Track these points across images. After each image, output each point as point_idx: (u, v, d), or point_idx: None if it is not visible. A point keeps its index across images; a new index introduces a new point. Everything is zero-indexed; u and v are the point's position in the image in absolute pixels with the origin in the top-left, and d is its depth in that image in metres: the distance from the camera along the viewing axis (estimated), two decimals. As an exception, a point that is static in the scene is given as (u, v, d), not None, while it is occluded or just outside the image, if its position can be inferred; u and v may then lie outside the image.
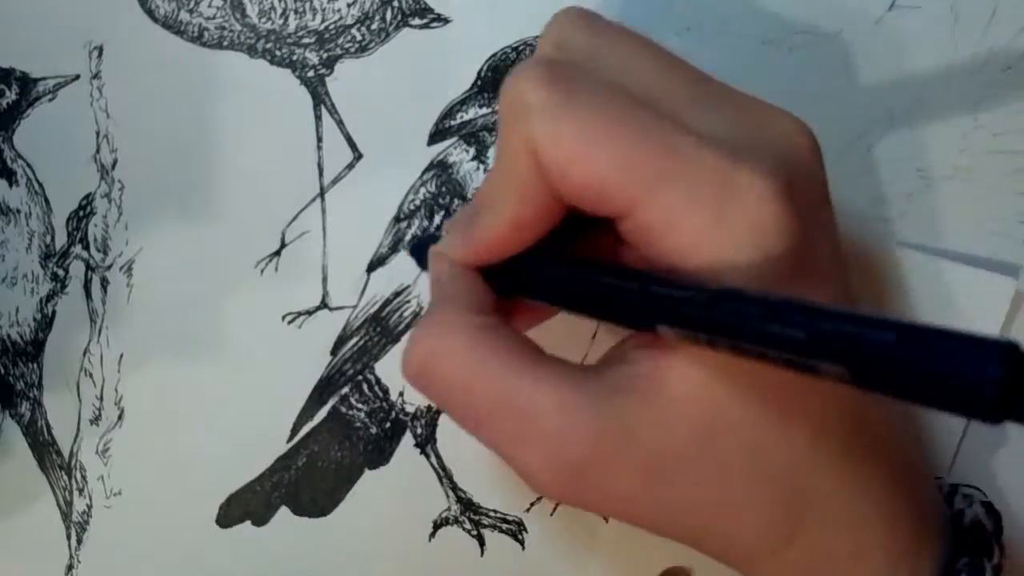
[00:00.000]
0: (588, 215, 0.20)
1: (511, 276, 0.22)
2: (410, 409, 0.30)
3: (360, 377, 0.30)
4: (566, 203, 0.20)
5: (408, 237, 0.30)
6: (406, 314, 0.30)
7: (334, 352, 0.30)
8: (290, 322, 0.31)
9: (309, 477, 0.31)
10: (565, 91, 0.19)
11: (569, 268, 0.21)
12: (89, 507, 0.31)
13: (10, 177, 0.32)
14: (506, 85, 0.20)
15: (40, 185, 0.32)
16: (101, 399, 0.31)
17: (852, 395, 0.20)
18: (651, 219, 0.19)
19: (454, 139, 0.30)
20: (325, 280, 0.30)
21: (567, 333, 0.30)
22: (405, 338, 0.30)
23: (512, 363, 0.20)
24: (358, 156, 0.30)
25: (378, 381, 0.30)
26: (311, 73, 0.30)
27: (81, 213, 0.31)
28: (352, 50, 0.30)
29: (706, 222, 0.18)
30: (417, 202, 0.30)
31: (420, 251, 0.25)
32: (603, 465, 0.20)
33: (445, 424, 0.30)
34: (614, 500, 0.20)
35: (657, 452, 0.19)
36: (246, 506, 0.31)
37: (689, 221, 0.18)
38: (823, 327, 0.15)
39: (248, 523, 0.31)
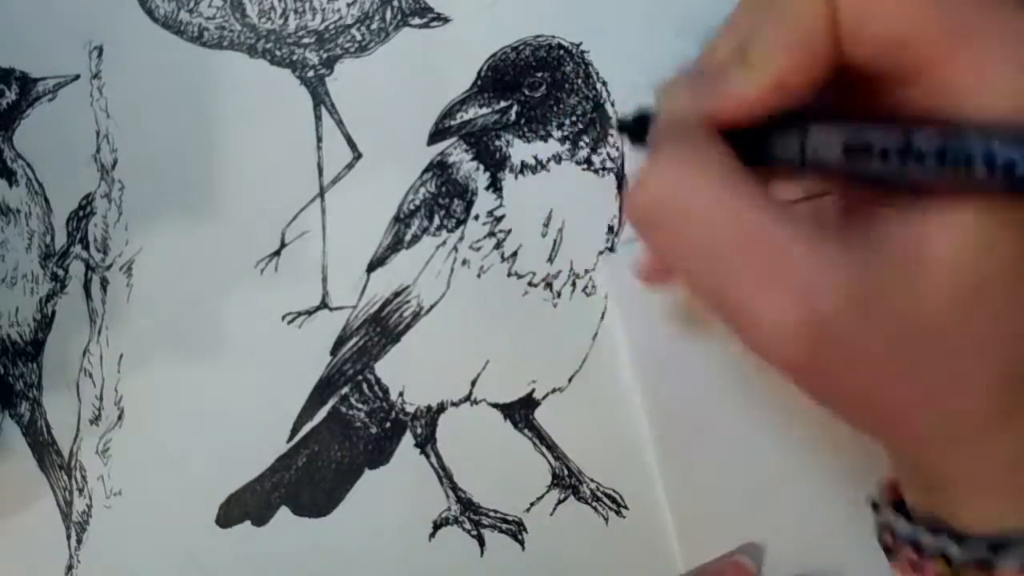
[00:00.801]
0: (863, 78, 0.19)
1: (759, 140, 0.20)
2: (410, 409, 0.30)
3: (360, 377, 0.30)
4: (847, 62, 0.19)
5: (408, 237, 0.30)
6: (406, 314, 0.30)
7: (334, 352, 0.30)
8: (290, 322, 0.31)
9: (309, 477, 0.31)
10: None
11: (837, 124, 0.19)
12: (89, 507, 0.31)
13: (10, 177, 0.32)
14: None
15: (40, 185, 0.32)
16: (101, 399, 0.31)
17: None
18: (955, 75, 0.18)
19: (454, 139, 0.30)
20: (325, 280, 0.30)
21: (568, 335, 0.30)
22: (406, 337, 0.30)
23: (769, 207, 0.19)
24: (358, 156, 0.30)
25: (378, 381, 0.30)
26: (311, 73, 0.30)
27: (81, 213, 0.31)
28: (352, 50, 0.30)
29: (1014, 76, 0.17)
30: (417, 202, 0.30)
31: (636, 125, 0.23)
32: (854, 328, 0.18)
33: (445, 424, 0.30)
34: (851, 369, 0.19)
35: (911, 322, 0.18)
36: (246, 506, 0.31)
37: (1000, 76, 0.17)
38: None
39: (248, 523, 0.31)
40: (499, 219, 0.30)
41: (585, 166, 0.29)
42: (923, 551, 0.22)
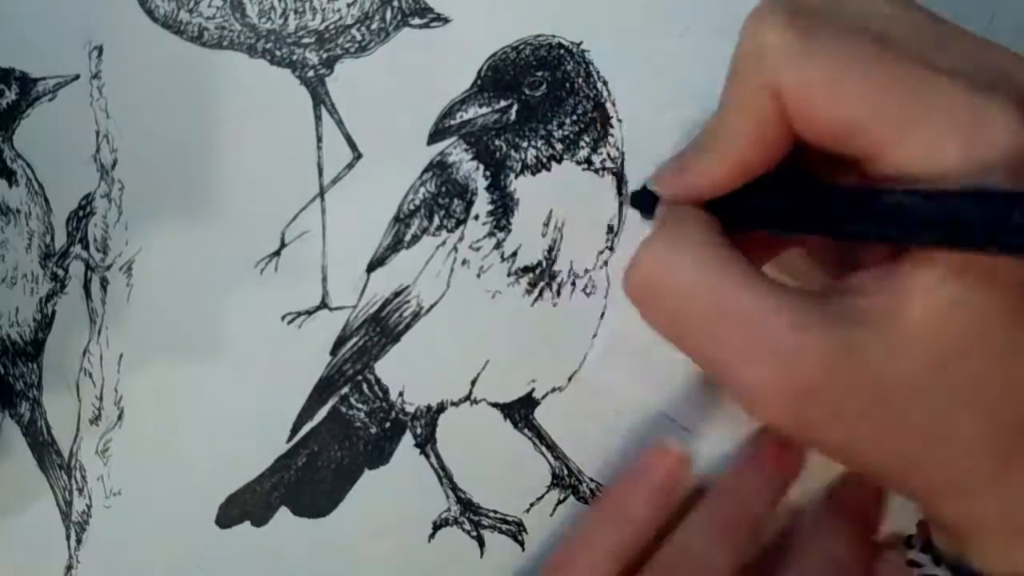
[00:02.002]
0: (818, 151, 0.20)
1: (735, 207, 0.23)
2: (410, 409, 0.30)
3: (360, 377, 0.30)
4: (800, 141, 0.21)
5: (408, 237, 0.30)
6: (406, 314, 0.30)
7: (334, 352, 0.30)
8: (290, 322, 0.31)
9: (309, 477, 0.31)
10: (810, 33, 0.19)
11: (800, 190, 0.21)
12: (89, 507, 0.31)
13: (10, 177, 0.32)
14: (746, 28, 0.20)
15: (40, 185, 0.32)
16: (101, 399, 0.31)
17: None
18: (901, 158, 0.19)
19: (454, 139, 0.30)
20: (325, 280, 0.30)
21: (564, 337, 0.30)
22: (406, 337, 0.30)
23: (746, 280, 0.20)
24: (358, 156, 0.30)
25: (378, 381, 0.30)
26: (311, 73, 0.30)
27: (81, 213, 0.31)
28: (352, 50, 0.30)
29: (959, 155, 0.18)
30: (417, 202, 0.30)
31: (645, 199, 0.26)
32: (834, 389, 0.20)
33: (445, 424, 0.30)
34: (837, 426, 0.20)
35: (891, 381, 0.19)
36: (246, 506, 0.31)
37: (942, 155, 0.18)
38: None
39: (248, 523, 0.31)
40: (499, 219, 0.30)
41: (585, 166, 0.29)
42: None
